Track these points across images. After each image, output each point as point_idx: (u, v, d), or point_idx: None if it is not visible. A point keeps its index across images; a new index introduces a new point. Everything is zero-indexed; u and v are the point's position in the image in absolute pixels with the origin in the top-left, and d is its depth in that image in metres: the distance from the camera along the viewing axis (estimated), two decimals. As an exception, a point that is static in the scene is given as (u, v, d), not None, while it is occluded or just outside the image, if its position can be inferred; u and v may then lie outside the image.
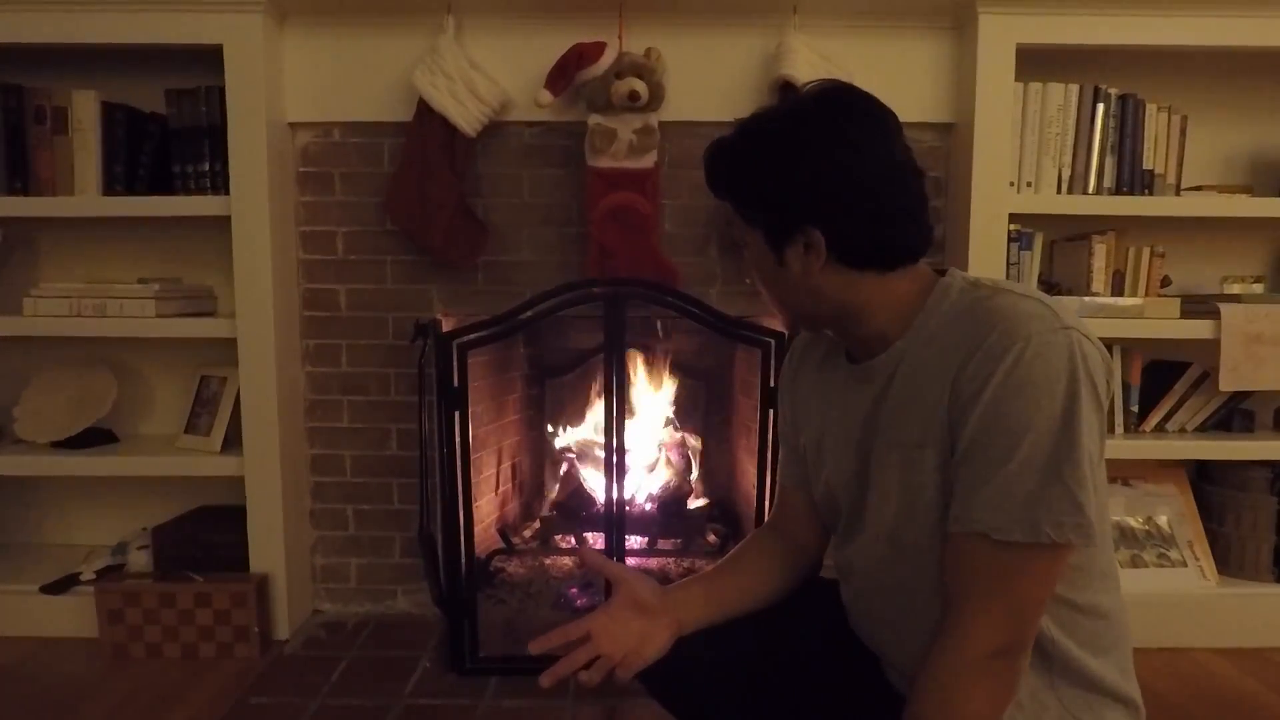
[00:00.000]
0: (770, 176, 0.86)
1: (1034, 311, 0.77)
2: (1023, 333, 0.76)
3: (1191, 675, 1.80)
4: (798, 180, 0.84)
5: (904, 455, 0.85)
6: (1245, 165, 2.08)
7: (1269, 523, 1.95)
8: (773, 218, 0.87)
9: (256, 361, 1.88)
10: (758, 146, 0.87)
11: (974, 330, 0.79)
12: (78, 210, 1.90)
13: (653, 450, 2.33)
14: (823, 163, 0.83)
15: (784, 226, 0.86)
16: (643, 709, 1.61)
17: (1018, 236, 1.90)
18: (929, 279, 0.89)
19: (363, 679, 1.76)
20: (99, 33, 1.80)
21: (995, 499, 0.76)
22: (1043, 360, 0.75)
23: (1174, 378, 1.97)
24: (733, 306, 1.90)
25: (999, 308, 0.79)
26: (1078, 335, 0.76)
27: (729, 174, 0.91)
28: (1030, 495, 0.75)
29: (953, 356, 0.80)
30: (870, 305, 0.88)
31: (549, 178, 1.97)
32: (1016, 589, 0.77)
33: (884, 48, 1.90)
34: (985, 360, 0.77)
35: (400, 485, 2.05)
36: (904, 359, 0.87)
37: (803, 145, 0.84)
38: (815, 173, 0.83)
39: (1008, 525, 0.75)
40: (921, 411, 0.83)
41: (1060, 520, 0.74)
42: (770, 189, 0.86)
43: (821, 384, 1.01)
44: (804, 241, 0.85)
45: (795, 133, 0.85)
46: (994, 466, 0.76)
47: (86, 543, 2.13)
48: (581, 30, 1.85)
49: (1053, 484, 0.74)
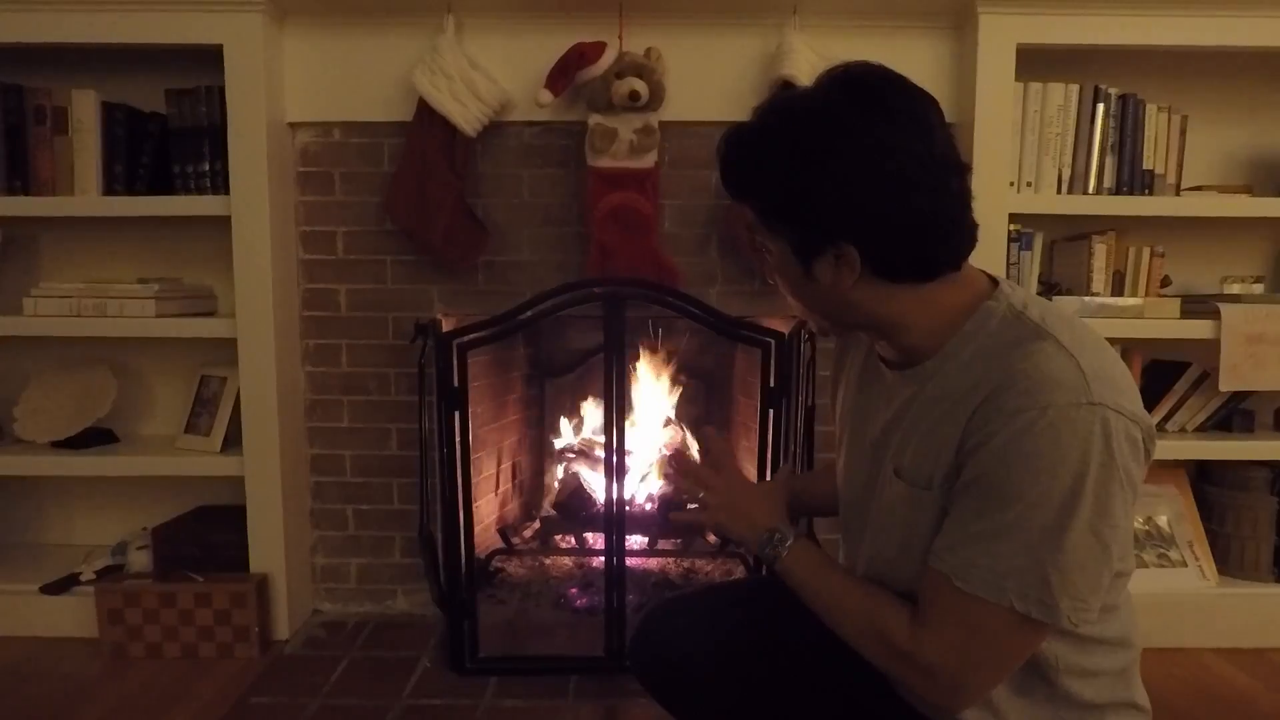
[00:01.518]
0: (796, 188, 0.76)
1: (1064, 378, 0.71)
2: (1042, 400, 0.70)
3: (1191, 675, 1.80)
4: (825, 191, 0.75)
5: (910, 493, 0.83)
6: (1245, 165, 2.08)
7: (1269, 523, 1.95)
8: (799, 232, 0.79)
9: (256, 361, 1.88)
10: (781, 151, 0.77)
11: (997, 378, 0.74)
12: (78, 210, 1.90)
13: (653, 450, 2.33)
14: (855, 171, 0.73)
15: (812, 241, 0.78)
16: (643, 709, 1.61)
17: (1018, 236, 1.90)
18: (976, 292, 0.82)
19: (363, 679, 1.76)
20: (99, 33, 1.80)
21: (969, 551, 0.75)
22: (1052, 435, 0.69)
23: (1174, 378, 1.97)
24: (733, 306, 1.90)
25: (1029, 361, 0.73)
26: (1107, 413, 0.70)
27: (748, 180, 0.81)
28: (1003, 560, 0.72)
29: (970, 399, 0.76)
30: (907, 318, 0.81)
31: (549, 178, 1.97)
32: (977, 635, 0.76)
33: (884, 48, 1.90)
34: (995, 415, 0.73)
35: (400, 485, 2.05)
36: (929, 383, 0.83)
37: (832, 152, 0.74)
38: (847, 183, 0.74)
39: (975, 580, 0.74)
40: (932, 449, 0.80)
41: (1026, 594, 0.72)
42: (796, 201, 0.77)
43: (862, 372, 0.98)
44: (835, 254, 0.78)
45: (823, 136, 0.74)
46: (978, 520, 0.74)
47: (86, 543, 2.13)
48: (581, 30, 1.85)
49: (1027, 558, 0.72)
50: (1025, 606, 0.72)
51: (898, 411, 0.87)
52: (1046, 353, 0.73)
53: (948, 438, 0.78)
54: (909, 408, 0.85)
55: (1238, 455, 1.94)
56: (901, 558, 0.85)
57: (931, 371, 0.83)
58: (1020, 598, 0.72)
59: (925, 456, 0.81)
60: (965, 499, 0.76)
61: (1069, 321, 0.79)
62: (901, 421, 0.86)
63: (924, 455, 0.82)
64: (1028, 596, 0.72)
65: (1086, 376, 0.71)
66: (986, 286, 0.84)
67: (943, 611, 0.77)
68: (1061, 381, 0.71)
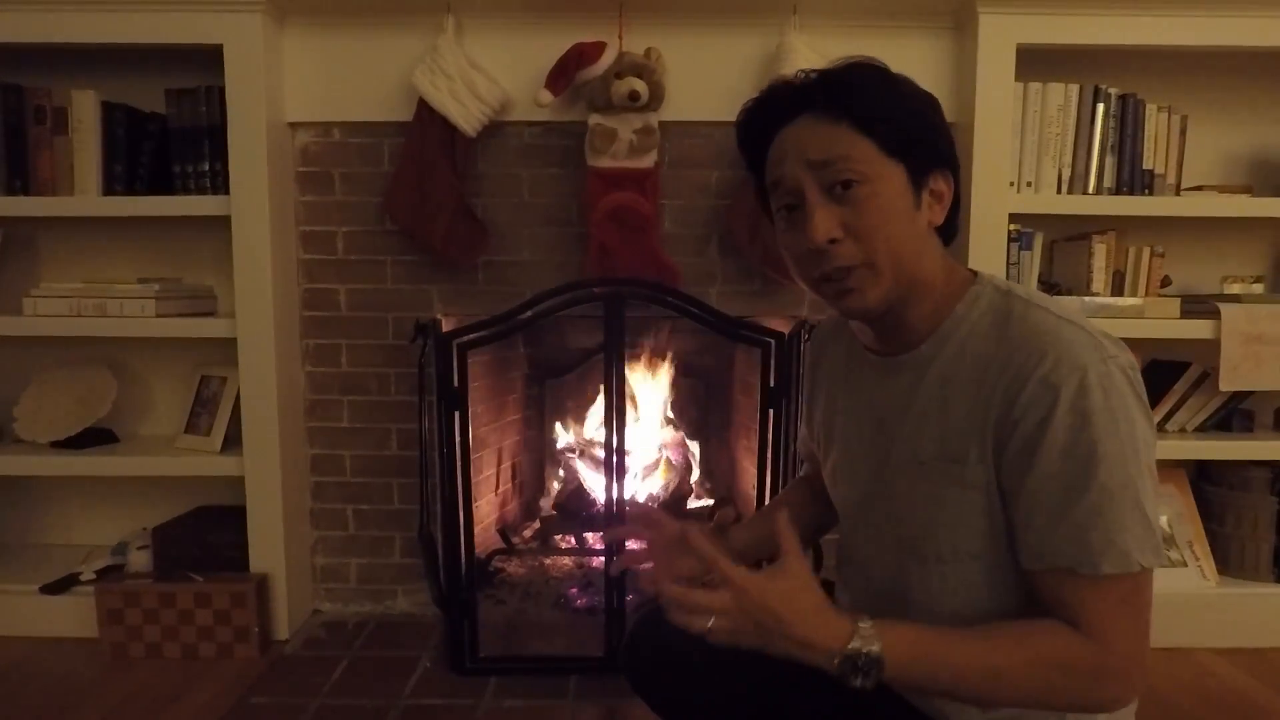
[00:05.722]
0: (928, 113, 0.84)
1: (1081, 340, 0.76)
2: (1080, 361, 0.75)
3: (1191, 675, 1.80)
4: (938, 124, 0.84)
5: (933, 470, 0.83)
6: (1245, 165, 2.08)
7: (1269, 523, 1.95)
8: (922, 155, 0.83)
9: (256, 361, 1.88)
10: (907, 85, 0.85)
11: (1020, 354, 0.77)
12: (78, 210, 1.90)
13: (653, 450, 2.33)
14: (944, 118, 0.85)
15: (926, 168, 0.84)
16: (643, 709, 1.60)
17: (1018, 236, 1.90)
18: (962, 277, 0.87)
19: (363, 679, 1.76)
20: (99, 33, 1.80)
21: (1076, 533, 0.74)
22: (1102, 390, 0.74)
23: (1174, 378, 1.97)
24: (733, 306, 1.90)
25: (1042, 331, 0.78)
26: (1122, 361, 0.76)
27: (890, 104, 0.82)
28: (1112, 525, 0.73)
29: (995, 375, 0.78)
30: (931, 282, 0.85)
31: (549, 178, 1.97)
32: (1131, 609, 0.75)
33: (884, 48, 1.85)
34: (1040, 388, 0.75)
35: (400, 485, 2.05)
36: (931, 365, 0.85)
37: (931, 97, 0.86)
38: (945, 124, 0.85)
39: (1094, 559, 0.73)
40: (955, 427, 0.81)
41: (1143, 546, 0.73)
42: (927, 127, 0.84)
43: (843, 368, 0.99)
44: (936, 186, 0.84)
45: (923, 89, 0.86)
46: (1072, 499, 0.74)
47: (86, 543, 2.13)
48: (581, 30, 1.85)
49: (1132, 513, 0.73)
50: (1146, 559, 0.74)
51: (901, 398, 0.87)
52: (1051, 322, 0.78)
53: (974, 415, 0.80)
54: (914, 394, 0.86)
55: (1238, 455, 1.94)
56: (924, 538, 0.85)
57: (930, 355, 0.85)
58: (1140, 552, 0.74)
59: (946, 436, 0.82)
60: (1046, 486, 0.75)
61: (1047, 296, 0.85)
62: (909, 408, 0.86)
63: (944, 435, 0.82)
64: (1145, 548, 0.74)
65: (1094, 335, 0.77)
66: (969, 274, 0.88)
67: (1100, 606, 0.75)
68: (1081, 343, 0.76)
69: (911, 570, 0.88)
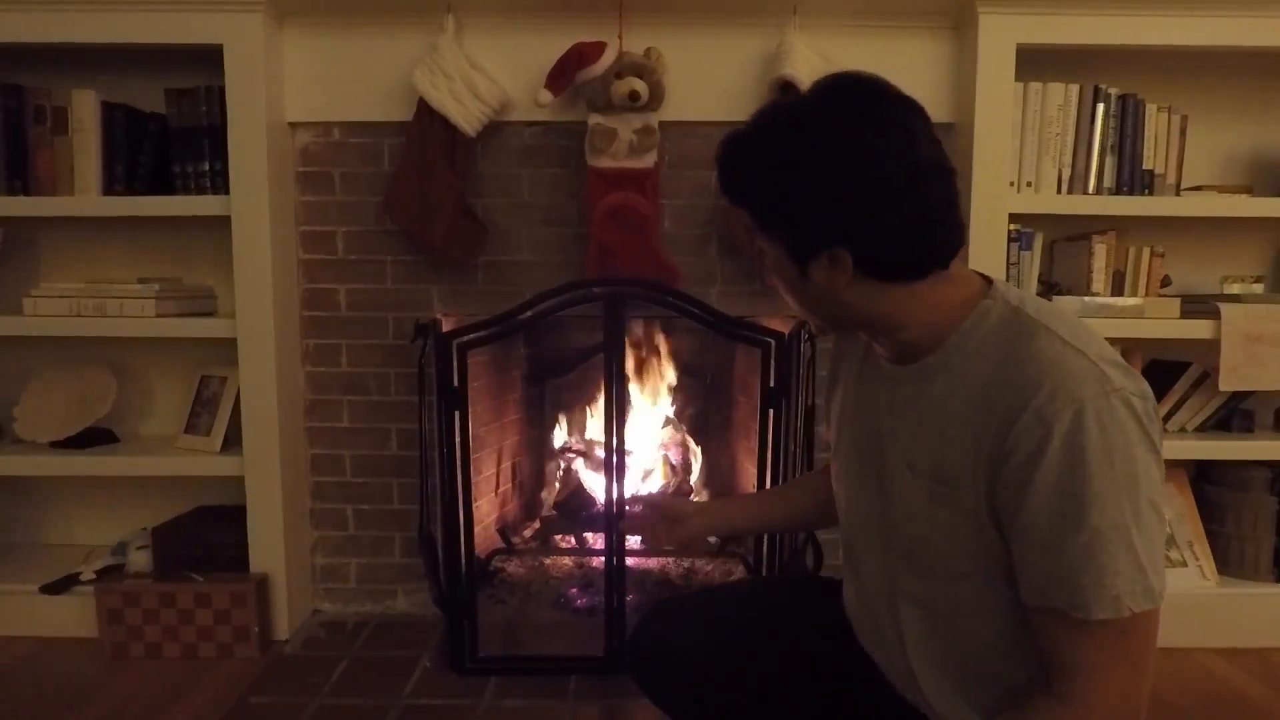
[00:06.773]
0: (789, 194, 0.79)
1: (1083, 371, 0.73)
2: (1076, 395, 0.72)
3: (1191, 675, 1.80)
4: (819, 198, 0.78)
5: (926, 486, 0.83)
6: (1245, 165, 2.08)
7: (1269, 523, 1.95)
8: (793, 236, 0.82)
9: (256, 361, 1.88)
10: (774, 159, 0.80)
11: (1019, 380, 0.75)
12: (78, 210, 1.90)
13: (652, 450, 2.33)
14: (846, 178, 0.77)
15: (806, 244, 0.81)
16: (643, 709, 1.61)
17: (1018, 236, 1.90)
18: (971, 290, 0.84)
19: (363, 679, 1.76)
20: (99, 33, 1.80)
21: (1068, 575, 0.73)
22: (1098, 425, 0.71)
23: (1174, 378, 1.97)
24: (733, 306, 1.90)
25: (1044, 358, 0.75)
26: (1128, 395, 0.73)
27: (744, 186, 0.84)
28: (1105, 568, 0.72)
29: (992, 401, 0.77)
30: (903, 316, 0.83)
31: (549, 178, 1.97)
32: (1126, 653, 0.74)
33: (884, 48, 1.90)
34: (1034, 421, 0.73)
35: (400, 485, 2.05)
36: (934, 380, 0.84)
37: (823, 159, 0.77)
38: (838, 189, 0.77)
39: (1086, 603, 0.72)
40: (949, 448, 0.81)
41: (1133, 590, 0.72)
42: (790, 207, 0.80)
43: (859, 369, 0.98)
44: (828, 256, 0.80)
45: (814, 145, 0.78)
46: (1064, 540, 0.73)
47: (86, 543, 2.13)
48: (581, 30, 1.85)
49: (1125, 556, 0.72)
50: (1136, 603, 0.72)
51: (904, 406, 0.87)
52: (1056, 348, 0.75)
53: (968, 439, 0.79)
54: (916, 403, 0.86)
55: (1238, 455, 1.94)
56: (916, 550, 0.86)
57: (935, 368, 0.84)
58: (1130, 596, 0.72)
59: (942, 454, 0.82)
60: (1038, 524, 0.74)
61: (1062, 315, 0.80)
62: (909, 416, 0.86)
63: (940, 452, 0.82)
64: (1134, 591, 0.72)
65: (1099, 365, 0.74)
66: (981, 285, 0.85)
67: (1092, 652, 0.74)
68: (1083, 374, 0.73)
69: (903, 577, 0.88)
